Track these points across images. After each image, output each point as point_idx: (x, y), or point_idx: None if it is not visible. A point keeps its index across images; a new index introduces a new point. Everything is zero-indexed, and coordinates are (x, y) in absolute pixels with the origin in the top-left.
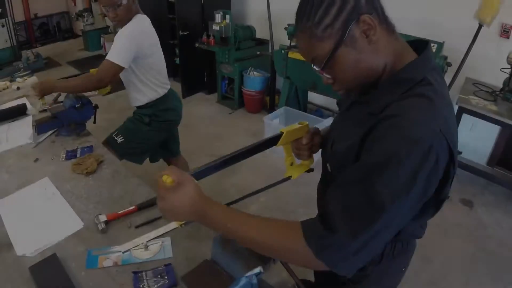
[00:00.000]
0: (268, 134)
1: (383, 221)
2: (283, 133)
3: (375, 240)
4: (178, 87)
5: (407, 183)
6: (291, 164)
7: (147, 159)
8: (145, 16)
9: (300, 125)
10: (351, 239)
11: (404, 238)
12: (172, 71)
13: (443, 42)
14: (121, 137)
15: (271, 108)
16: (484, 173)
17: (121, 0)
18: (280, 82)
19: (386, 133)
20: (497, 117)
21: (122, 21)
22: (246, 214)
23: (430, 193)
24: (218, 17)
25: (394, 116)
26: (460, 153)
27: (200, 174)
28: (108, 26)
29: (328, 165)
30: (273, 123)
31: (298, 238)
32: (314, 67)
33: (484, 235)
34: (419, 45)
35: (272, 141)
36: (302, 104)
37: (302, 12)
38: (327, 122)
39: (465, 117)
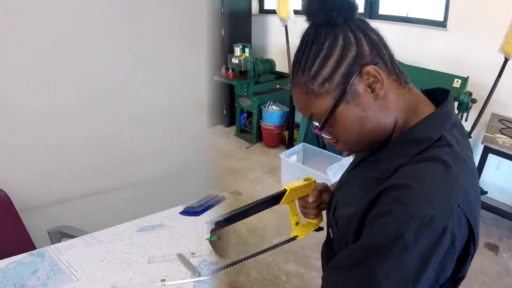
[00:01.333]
0: (285, 171)
1: None
2: (286, 190)
3: None
4: None
5: (415, 272)
6: (297, 223)
7: None
8: None
9: (306, 182)
10: None
11: None
12: None
13: (468, 77)
14: None
15: (290, 144)
16: (511, 215)
17: None
18: (299, 116)
19: (391, 209)
20: None
21: None
22: None
23: (444, 278)
24: (237, 50)
25: (402, 187)
26: (486, 193)
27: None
28: None
29: (330, 230)
30: (290, 160)
31: None
32: (314, 123)
33: (510, 284)
34: (439, 94)
35: (274, 200)
36: (321, 140)
37: (296, 64)
38: (346, 160)
39: (491, 156)
